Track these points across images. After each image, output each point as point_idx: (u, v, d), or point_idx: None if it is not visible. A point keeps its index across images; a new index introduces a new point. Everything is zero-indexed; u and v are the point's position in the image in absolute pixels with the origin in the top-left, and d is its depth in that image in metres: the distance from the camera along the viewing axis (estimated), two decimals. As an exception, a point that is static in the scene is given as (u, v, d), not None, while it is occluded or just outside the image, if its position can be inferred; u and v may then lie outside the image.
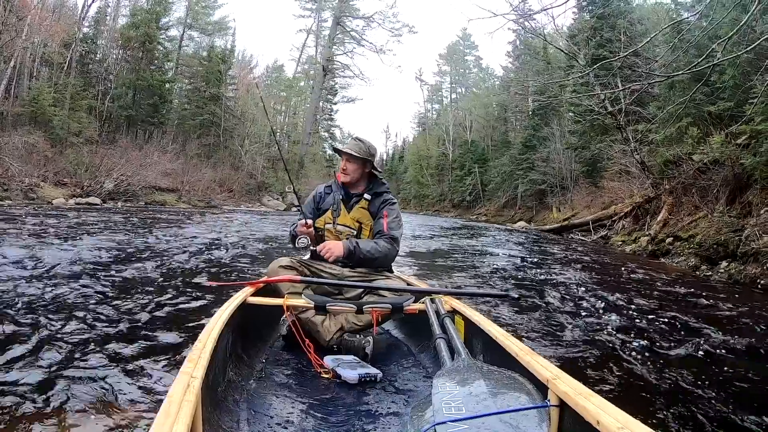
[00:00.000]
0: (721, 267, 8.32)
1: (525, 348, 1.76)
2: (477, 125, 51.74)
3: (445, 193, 53.23)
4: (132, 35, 31.43)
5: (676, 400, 2.70)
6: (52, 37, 26.66)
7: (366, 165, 3.20)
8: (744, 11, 7.91)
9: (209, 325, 1.93)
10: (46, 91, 24.01)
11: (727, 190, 10.63)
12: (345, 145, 3.22)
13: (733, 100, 10.79)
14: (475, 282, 6.65)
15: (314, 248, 3.11)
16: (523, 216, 32.45)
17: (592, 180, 24.77)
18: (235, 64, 42.40)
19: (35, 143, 21.54)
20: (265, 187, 36.60)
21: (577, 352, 3.55)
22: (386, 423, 1.96)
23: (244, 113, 39.90)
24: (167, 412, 1.13)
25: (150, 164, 26.50)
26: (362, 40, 46.99)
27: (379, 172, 3.29)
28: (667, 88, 13.52)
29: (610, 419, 1.15)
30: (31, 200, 17.81)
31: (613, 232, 15.94)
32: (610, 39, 21.62)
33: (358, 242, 3.02)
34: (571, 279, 7.07)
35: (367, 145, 3.20)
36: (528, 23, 12.21)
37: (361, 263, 3.05)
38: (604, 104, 17.82)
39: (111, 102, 29.82)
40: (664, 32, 11.09)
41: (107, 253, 6.50)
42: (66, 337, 2.99)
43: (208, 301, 4.27)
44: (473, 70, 64.96)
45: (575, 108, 25.13)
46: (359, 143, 3.20)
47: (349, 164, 3.16)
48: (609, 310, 4.97)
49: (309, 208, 3.34)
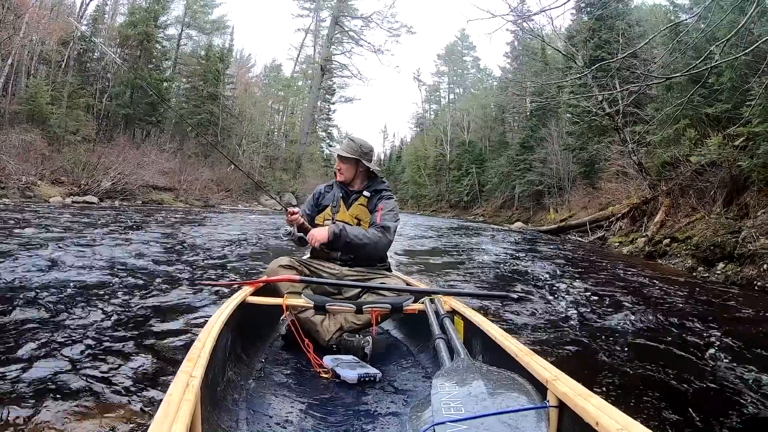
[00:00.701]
0: (718, 268, 8.33)
1: (524, 348, 1.76)
2: (475, 126, 51.76)
3: (443, 193, 53.23)
4: (130, 34, 31.36)
5: (675, 401, 2.70)
6: (50, 35, 26.59)
7: (359, 164, 3.21)
8: (742, 13, 7.91)
9: (208, 324, 1.94)
10: (44, 89, 23.94)
11: (724, 191, 10.65)
12: (339, 146, 3.24)
13: (730, 102, 10.79)
14: (473, 283, 6.66)
15: (302, 235, 3.12)
16: (520, 217, 32.43)
17: (589, 181, 24.77)
18: (233, 64, 42.42)
19: (32, 141, 21.49)
20: (262, 186, 36.56)
21: (576, 352, 3.56)
22: (385, 423, 1.96)
23: (241, 112, 39.84)
24: (166, 411, 1.13)
25: (147, 163, 26.45)
26: (360, 40, 46.98)
27: (376, 169, 3.29)
28: (664, 90, 13.52)
29: (609, 420, 1.15)
30: (28, 199, 17.77)
31: (610, 234, 15.94)
32: (608, 40, 21.66)
33: (345, 226, 3.02)
34: (569, 280, 7.09)
35: (359, 144, 3.22)
36: (526, 24, 12.20)
37: (349, 249, 3.04)
38: (601, 105, 17.86)
39: (109, 100, 29.79)
40: (662, 34, 11.10)
41: (103, 252, 6.49)
42: (64, 337, 2.99)
43: (207, 301, 4.26)
44: (471, 71, 65.02)
45: (573, 109, 25.15)
46: (351, 143, 3.23)
47: (342, 164, 3.20)
48: (607, 311, 4.98)
49: (309, 205, 3.36)
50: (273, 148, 44.18)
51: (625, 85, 12.04)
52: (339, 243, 3.00)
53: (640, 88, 10.98)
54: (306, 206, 3.37)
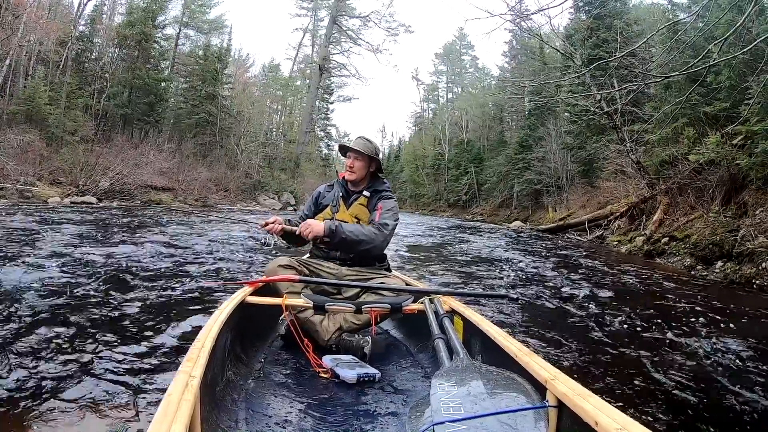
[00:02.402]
0: (716, 267, 8.34)
1: (523, 348, 1.76)
2: (473, 125, 51.77)
3: (441, 192, 53.20)
4: (128, 33, 31.31)
5: (674, 400, 2.70)
6: (48, 35, 26.55)
7: (372, 163, 3.20)
8: (740, 12, 7.93)
9: (208, 324, 1.94)
10: (42, 90, 23.87)
11: (722, 190, 10.67)
12: (352, 142, 3.18)
13: (728, 101, 10.81)
14: (472, 282, 6.65)
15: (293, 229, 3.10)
16: (519, 216, 32.48)
17: (588, 180, 24.82)
18: (232, 63, 42.30)
19: (31, 142, 21.41)
20: (261, 186, 36.47)
21: (575, 352, 3.56)
22: (384, 423, 1.96)
23: (240, 112, 39.78)
24: (166, 411, 1.14)
25: (146, 163, 26.38)
26: (359, 40, 46.80)
27: (381, 172, 3.27)
28: (663, 89, 13.56)
29: (608, 420, 1.16)
30: (27, 199, 17.71)
31: (609, 232, 15.96)
32: (606, 39, 21.68)
33: (341, 223, 3.00)
34: (568, 279, 7.08)
35: (374, 144, 3.21)
36: (525, 23, 12.20)
37: (345, 245, 3.02)
38: (600, 104, 17.86)
39: (107, 101, 29.69)
40: (661, 33, 11.12)
41: (101, 252, 6.48)
42: (63, 337, 2.98)
43: (206, 301, 4.26)
44: (469, 70, 65.08)
45: (571, 108, 25.17)
46: (366, 141, 3.20)
47: (356, 162, 3.14)
48: (606, 310, 4.98)
49: (308, 206, 3.35)
50: (271, 147, 44.06)
51: (624, 84, 12.02)
52: (335, 239, 2.96)
53: (639, 86, 10.95)
54: (305, 207, 3.36)
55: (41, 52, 26.64)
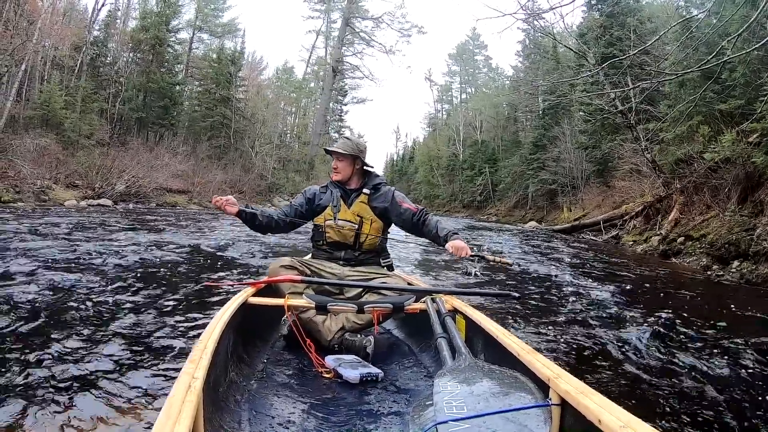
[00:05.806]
0: (732, 266, 8.25)
1: (526, 347, 1.77)
2: (487, 125, 51.57)
3: (456, 193, 53.06)
4: (142, 38, 31.64)
5: (678, 399, 2.68)
6: (63, 40, 26.86)
7: (356, 161, 3.23)
8: (754, 8, 7.82)
9: (210, 325, 1.95)
10: (57, 94, 24.14)
11: (738, 188, 10.54)
12: (334, 145, 3.26)
13: (743, 98, 10.71)
14: (478, 281, 6.62)
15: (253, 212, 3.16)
16: (533, 216, 32.33)
17: (602, 179, 24.70)
18: (245, 66, 42.59)
19: (47, 146, 21.68)
20: (275, 187, 36.69)
21: (578, 350, 3.54)
22: (388, 422, 1.96)
23: (254, 115, 40.03)
24: (168, 412, 1.14)
25: (161, 166, 26.62)
26: (371, 41, 47.11)
27: (370, 167, 3.31)
28: (677, 87, 13.42)
29: (611, 418, 1.15)
30: (43, 202, 17.93)
31: (624, 232, 15.87)
32: (619, 37, 21.48)
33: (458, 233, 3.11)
34: (580, 279, 7.03)
35: (355, 142, 3.25)
36: (537, 22, 12.17)
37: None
38: (614, 103, 17.72)
39: (122, 104, 29.99)
40: (674, 30, 11.00)
41: (111, 253, 6.52)
42: (66, 338, 3.00)
43: (209, 302, 4.28)
44: (483, 70, 64.84)
45: (585, 107, 24.99)
46: (347, 141, 3.26)
47: (339, 162, 3.21)
48: (614, 310, 4.95)
49: (298, 202, 3.32)
50: (286, 149, 44.34)
51: (638, 82, 11.92)
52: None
53: (653, 85, 10.87)
54: (295, 201, 3.35)
55: (56, 57, 26.99)
